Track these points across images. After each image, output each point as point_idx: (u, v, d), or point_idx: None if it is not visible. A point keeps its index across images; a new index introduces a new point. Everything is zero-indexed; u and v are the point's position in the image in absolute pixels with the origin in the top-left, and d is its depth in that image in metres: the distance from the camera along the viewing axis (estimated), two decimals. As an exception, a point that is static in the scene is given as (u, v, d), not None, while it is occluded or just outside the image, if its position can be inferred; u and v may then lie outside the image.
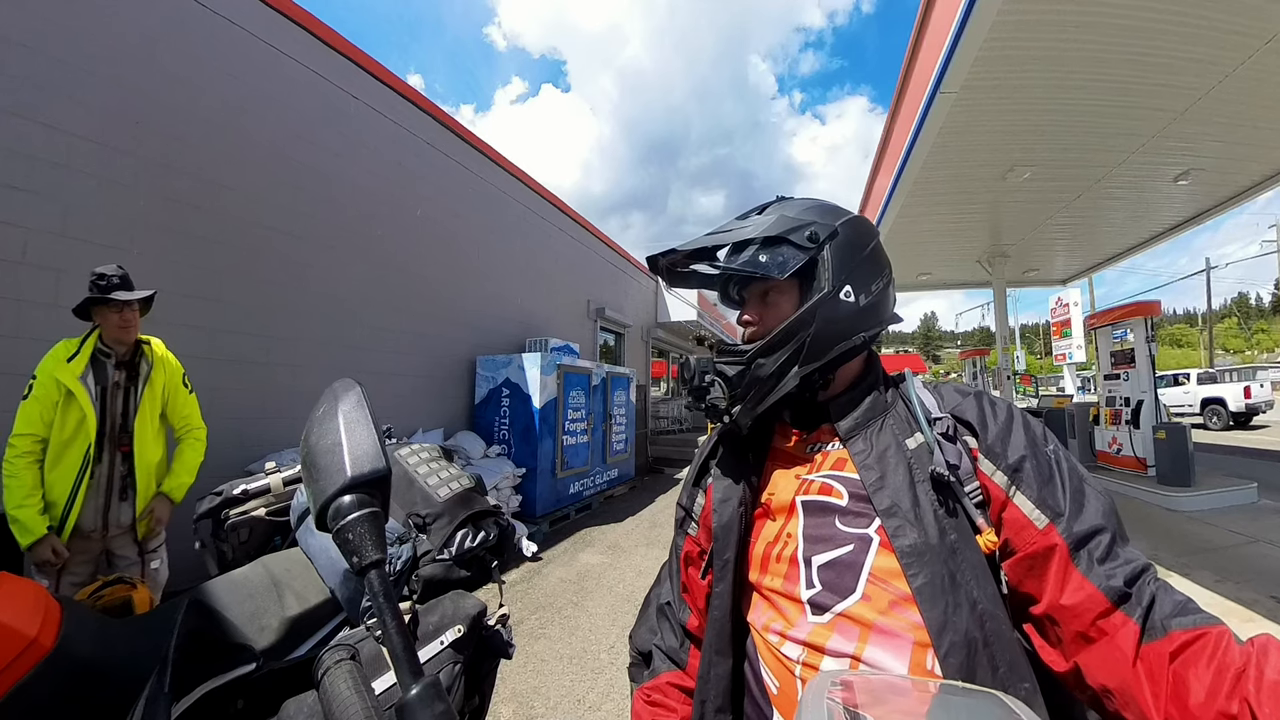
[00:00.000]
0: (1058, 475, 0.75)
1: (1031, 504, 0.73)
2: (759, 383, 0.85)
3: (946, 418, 0.82)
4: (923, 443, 0.80)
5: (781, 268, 0.84)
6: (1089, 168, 6.40)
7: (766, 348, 0.84)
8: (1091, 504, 0.73)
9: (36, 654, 0.97)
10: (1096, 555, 0.69)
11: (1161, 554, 4.96)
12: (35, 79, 3.54)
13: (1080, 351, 17.89)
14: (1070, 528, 0.70)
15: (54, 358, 2.44)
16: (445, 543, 1.36)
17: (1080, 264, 11.10)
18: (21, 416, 2.39)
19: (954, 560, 0.72)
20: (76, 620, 1.08)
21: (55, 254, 3.49)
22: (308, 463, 0.63)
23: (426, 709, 0.49)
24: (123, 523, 2.56)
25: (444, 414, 7.05)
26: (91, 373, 2.48)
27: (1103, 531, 0.70)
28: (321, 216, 5.50)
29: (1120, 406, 8.23)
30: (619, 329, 13.17)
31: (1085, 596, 0.67)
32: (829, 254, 0.85)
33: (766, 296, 0.91)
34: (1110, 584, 0.66)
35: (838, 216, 0.89)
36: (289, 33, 5.23)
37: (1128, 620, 0.64)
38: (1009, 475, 0.76)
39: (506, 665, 1.49)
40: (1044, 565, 0.70)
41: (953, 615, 0.69)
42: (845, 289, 0.85)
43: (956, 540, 0.73)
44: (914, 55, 4.90)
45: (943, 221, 8.19)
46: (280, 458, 4.22)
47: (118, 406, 2.55)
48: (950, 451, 0.78)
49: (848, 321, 0.85)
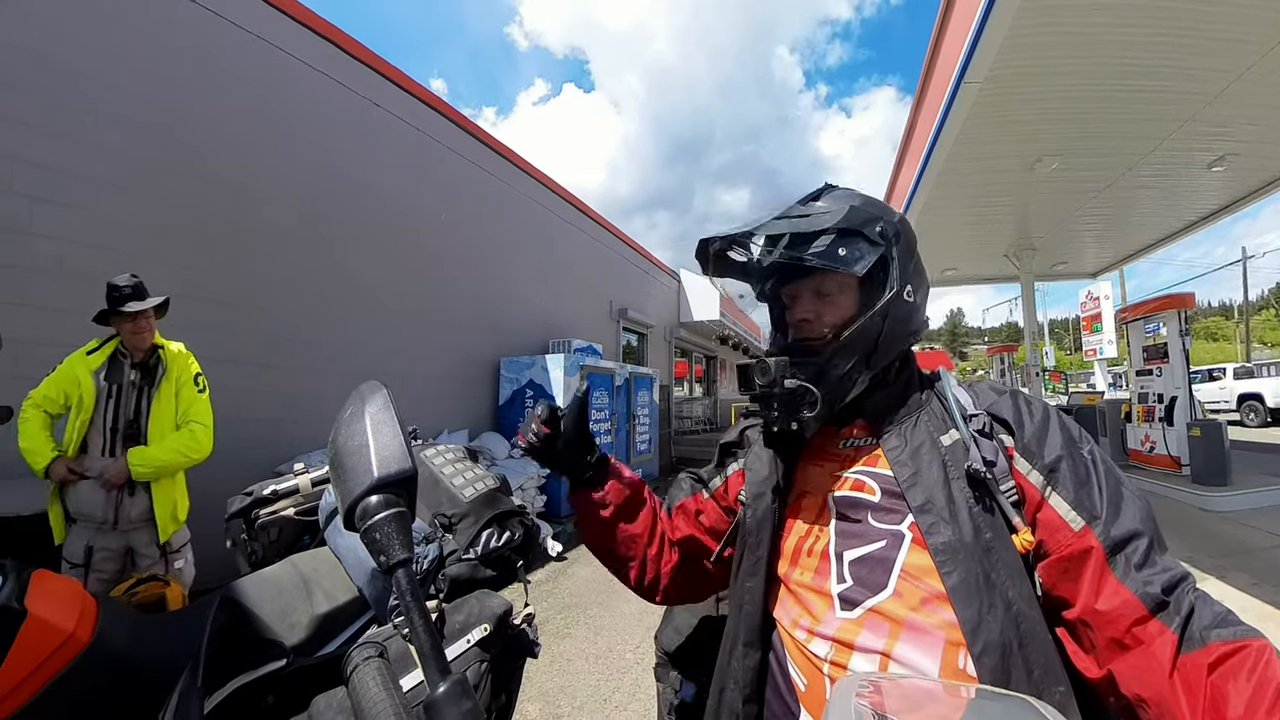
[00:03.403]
0: (1095, 477, 0.74)
1: (1068, 505, 0.72)
2: (834, 385, 0.82)
3: (982, 415, 0.81)
4: (958, 439, 0.79)
5: (860, 263, 0.80)
6: (1119, 156, 6.23)
7: (842, 348, 0.82)
8: (1129, 508, 0.71)
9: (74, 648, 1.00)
10: (1134, 561, 0.67)
11: (1196, 556, 4.78)
12: (70, 98, 3.67)
13: (1111, 346, 17.41)
14: (1107, 531, 0.69)
15: (79, 353, 2.64)
16: (471, 542, 1.37)
17: (1111, 256, 10.84)
18: (40, 388, 2.58)
19: (989, 559, 0.70)
20: (112, 616, 1.11)
21: (90, 264, 3.59)
22: (335, 463, 0.64)
23: (454, 706, 0.49)
24: (134, 517, 2.65)
25: (469, 415, 7.11)
26: (106, 369, 2.63)
27: (1140, 536, 0.68)
28: (346, 223, 5.59)
29: (1153, 403, 7.97)
30: (642, 329, 13.16)
31: (1121, 602, 0.65)
32: (897, 252, 0.83)
33: (824, 293, 0.86)
34: (1147, 591, 0.65)
35: (894, 213, 0.87)
36: (314, 45, 5.34)
37: (1165, 629, 0.62)
38: (1045, 475, 0.75)
39: (533, 664, 1.50)
40: (1079, 569, 0.69)
41: (987, 615, 0.68)
42: (908, 288, 0.84)
43: (992, 539, 0.72)
44: (937, 45, 4.83)
45: (969, 215, 8.05)
46: (309, 459, 4.28)
47: (131, 405, 2.66)
48: (986, 448, 0.77)
49: (908, 321, 0.85)
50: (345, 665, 0.68)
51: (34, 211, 3.51)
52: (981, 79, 4.33)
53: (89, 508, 2.56)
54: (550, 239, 9.31)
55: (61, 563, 2.58)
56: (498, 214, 7.97)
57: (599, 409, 7.87)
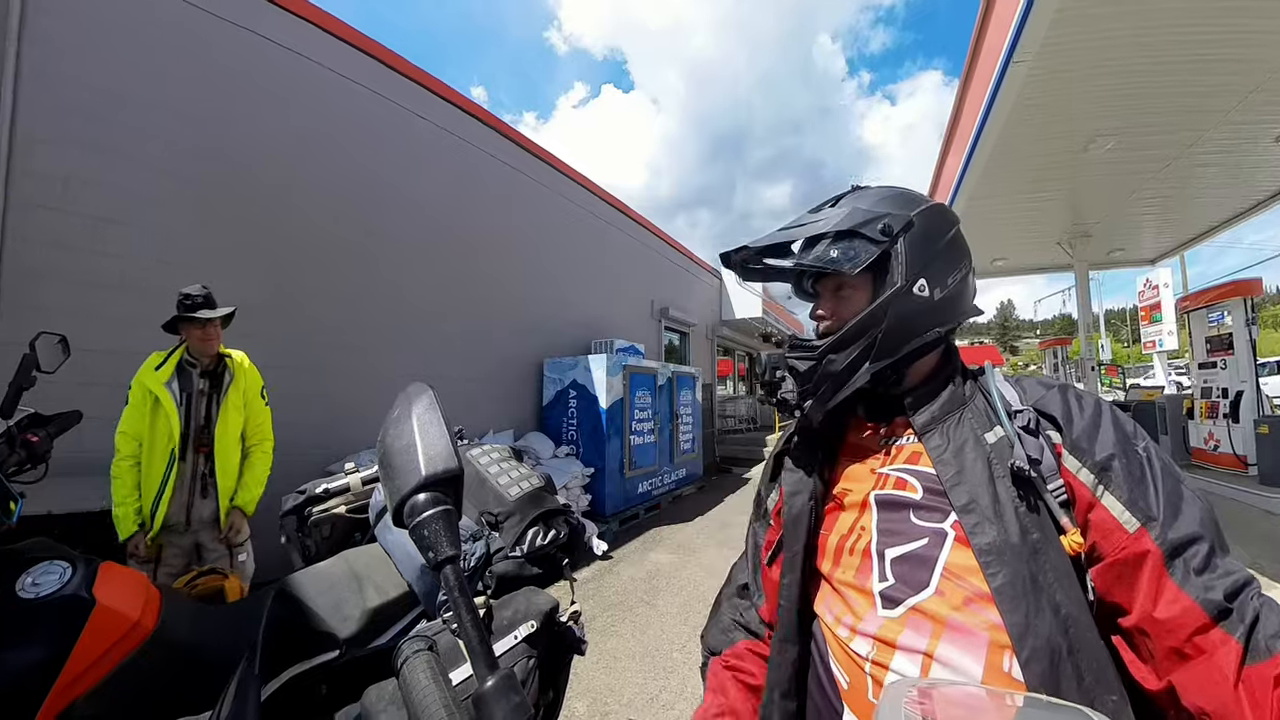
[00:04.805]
0: (1150, 475, 0.70)
1: (1121, 506, 0.68)
2: (830, 378, 0.83)
3: (1028, 410, 0.78)
4: (1002, 437, 0.77)
5: (853, 263, 0.82)
6: (1179, 132, 5.87)
7: (838, 343, 0.83)
8: (1188, 508, 0.67)
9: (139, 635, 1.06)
10: (1194, 565, 0.63)
11: (1262, 562, 4.49)
12: (128, 124, 3.91)
13: (1171, 338, 16.51)
14: (1165, 534, 0.65)
15: (145, 367, 2.74)
16: (517, 540, 1.38)
17: (1171, 241, 10.26)
18: (122, 421, 2.70)
19: (1036, 561, 0.68)
20: (174, 606, 1.17)
21: (150, 277, 3.83)
22: (384, 463, 0.65)
23: (502, 700, 0.50)
24: (205, 518, 2.80)
25: (513, 416, 7.23)
26: (177, 380, 2.75)
27: (1200, 540, 0.65)
28: (391, 232, 5.76)
29: (1217, 398, 7.51)
30: (683, 328, 13.10)
31: (1181, 610, 0.62)
32: (903, 247, 0.82)
33: (840, 291, 0.89)
34: (1209, 597, 0.61)
35: (914, 206, 0.86)
36: (359, 62, 5.54)
37: (1229, 639, 0.59)
38: (1096, 474, 0.71)
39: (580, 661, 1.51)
40: (1135, 573, 0.66)
41: (1035, 619, 0.65)
42: (919, 283, 0.82)
43: (1039, 540, 0.69)
44: (984, 24, 4.65)
45: (1018, 201, 7.75)
46: (359, 459, 4.41)
47: (201, 411, 2.79)
48: (1031, 445, 0.74)
49: (921, 317, 0.83)
50: (396, 657, 0.69)
51: (97, 230, 3.74)
52: (1031, 57, 4.15)
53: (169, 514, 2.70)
54: (591, 240, 9.39)
55: (130, 558, 2.71)
56: (539, 217, 8.08)
57: (642, 409, 7.89)
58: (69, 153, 3.65)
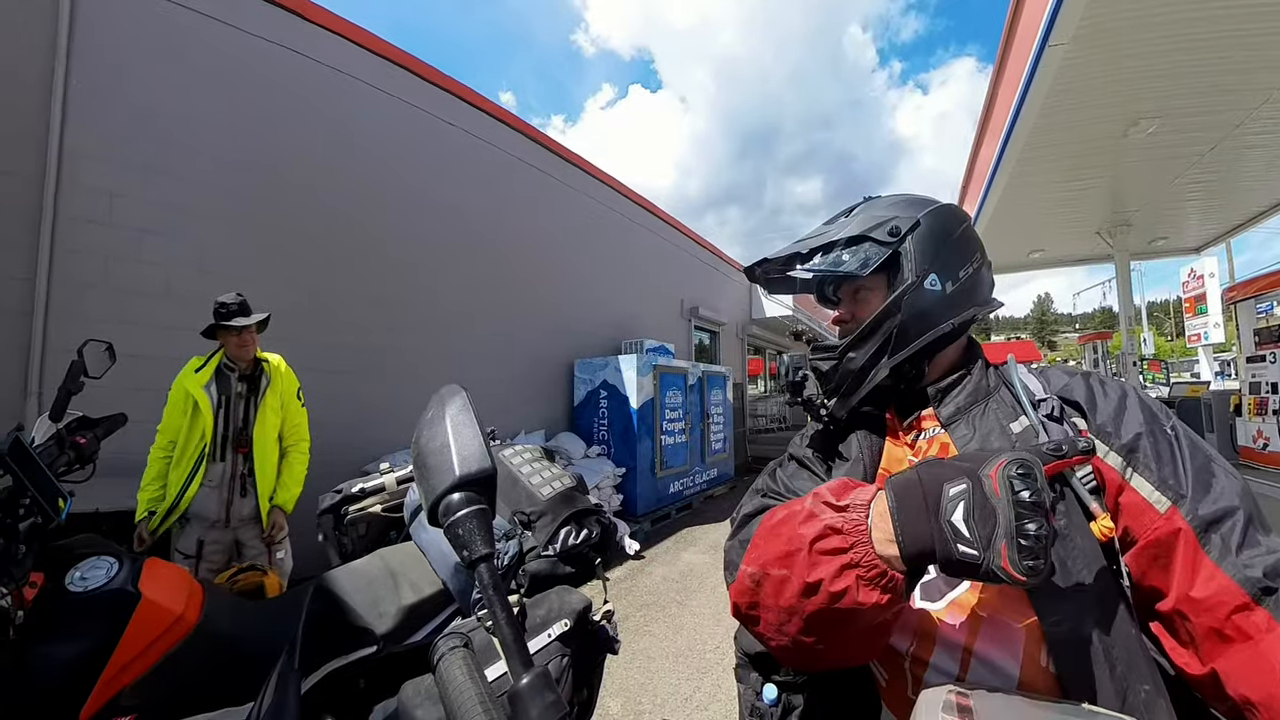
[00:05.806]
0: (1178, 452, 0.69)
1: (1151, 486, 0.67)
2: (850, 376, 0.86)
3: (1051, 399, 0.78)
4: (1028, 426, 0.76)
5: (864, 265, 0.85)
6: (1225, 113, 5.59)
7: (856, 340, 0.86)
8: (1221, 483, 0.66)
9: (183, 629, 1.10)
10: (1232, 542, 0.62)
11: None
12: (168, 138, 4.04)
13: (1218, 330, 15.77)
14: (1195, 509, 0.64)
15: (186, 371, 2.85)
16: (550, 539, 1.39)
17: (1216, 228, 9.84)
18: (163, 420, 2.82)
19: (1064, 547, 0.66)
20: (216, 601, 1.20)
21: (192, 285, 3.96)
22: (419, 463, 0.66)
23: (537, 697, 0.50)
24: (244, 515, 2.89)
25: (544, 416, 7.27)
26: (215, 384, 2.83)
27: (1234, 514, 0.63)
28: (423, 238, 5.85)
29: (1266, 394, 7.15)
30: (713, 327, 13.02)
31: (1219, 588, 0.60)
32: (911, 245, 0.84)
33: (858, 294, 0.93)
34: (1248, 574, 0.59)
35: (922, 208, 0.88)
36: (391, 74, 5.65)
37: (1275, 624, 0.57)
38: (1124, 456, 0.71)
39: (614, 660, 1.52)
40: (1169, 553, 0.64)
41: (1064, 605, 0.64)
42: (930, 278, 0.84)
43: (1065, 526, 0.68)
44: (1018, 8, 4.53)
45: (1055, 190, 7.52)
46: (394, 459, 4.48)
47: (239, 414, 2.88)
48: (1055, 432, 0.74)
49: (935, 310, 0.84)
50: (432, 654, 0.70)
51: (142, 242, 3.88)
52: (1068, 39, 4.02)
53: (204, 509, 2.79)
54: (620, 240, 9.40)
55: (174, 554, 2.81)
56: (568, 219, 8.12)
57: (672, 408, 7.87)
58: (113, 168, 3.79)
